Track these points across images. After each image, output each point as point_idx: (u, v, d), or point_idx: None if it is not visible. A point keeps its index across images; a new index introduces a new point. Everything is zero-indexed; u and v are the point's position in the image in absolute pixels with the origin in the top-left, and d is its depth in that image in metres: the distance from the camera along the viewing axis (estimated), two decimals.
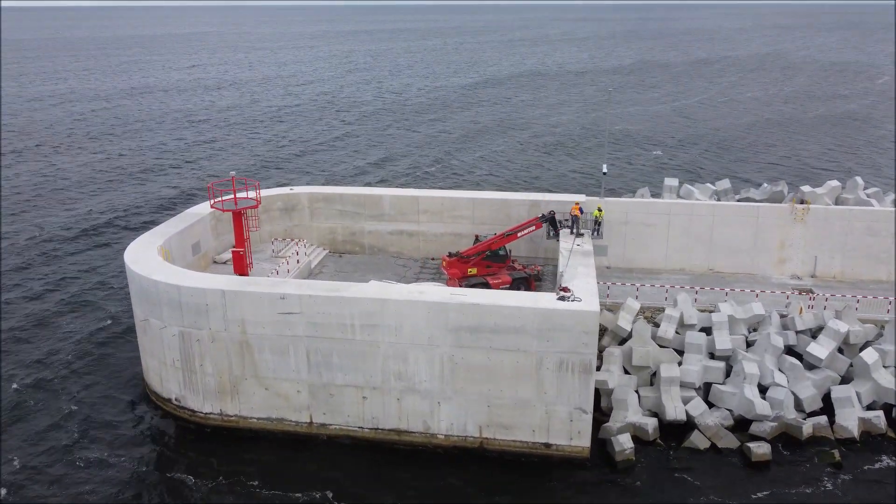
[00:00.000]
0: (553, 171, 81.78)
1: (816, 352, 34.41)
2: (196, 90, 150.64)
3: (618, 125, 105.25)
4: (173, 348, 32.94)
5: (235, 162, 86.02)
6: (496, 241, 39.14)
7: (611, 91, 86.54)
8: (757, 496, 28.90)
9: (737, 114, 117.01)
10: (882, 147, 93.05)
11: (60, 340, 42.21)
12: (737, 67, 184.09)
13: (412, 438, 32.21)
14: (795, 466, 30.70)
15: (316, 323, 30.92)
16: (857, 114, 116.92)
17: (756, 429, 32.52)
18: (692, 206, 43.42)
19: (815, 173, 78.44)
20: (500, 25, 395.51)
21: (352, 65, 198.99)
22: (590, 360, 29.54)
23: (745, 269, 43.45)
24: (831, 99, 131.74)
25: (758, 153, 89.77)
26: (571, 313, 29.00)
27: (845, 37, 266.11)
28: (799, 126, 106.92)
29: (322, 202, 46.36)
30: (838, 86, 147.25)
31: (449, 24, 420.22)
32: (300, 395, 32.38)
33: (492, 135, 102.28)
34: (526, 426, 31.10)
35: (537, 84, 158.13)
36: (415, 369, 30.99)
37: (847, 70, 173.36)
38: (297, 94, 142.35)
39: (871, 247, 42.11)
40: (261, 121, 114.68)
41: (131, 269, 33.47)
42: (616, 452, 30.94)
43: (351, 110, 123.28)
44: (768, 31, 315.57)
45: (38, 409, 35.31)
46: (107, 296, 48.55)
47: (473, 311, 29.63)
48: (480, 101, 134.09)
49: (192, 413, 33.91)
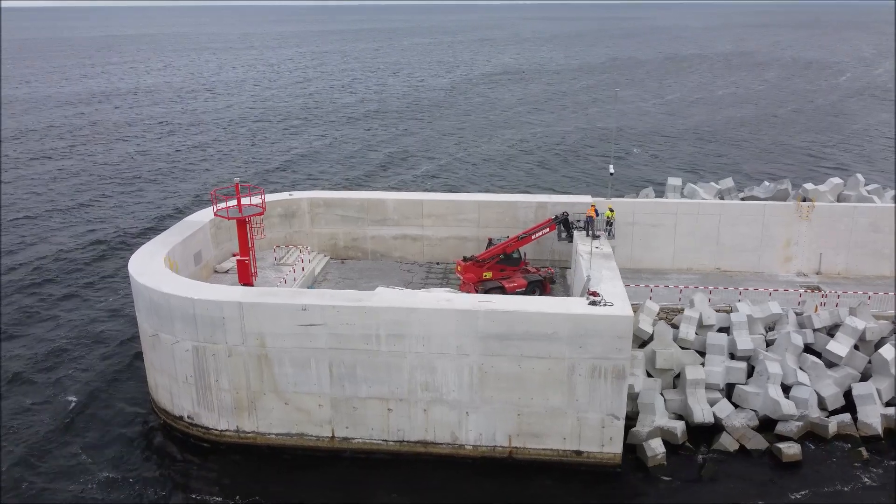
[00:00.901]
0: (549, 171, 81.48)
1: (836, 349, 34.52)
2: (166, 93, 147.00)
3: (599, 122, 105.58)
4: (186, 364, 31.54)
5: (218, 169, 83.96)
6: (511, 243, 38.50)
7: (617, 90, 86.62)
8: (794, 497, 28.77)
9: (715, 110, 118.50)
10: (861, 142, 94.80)
11: (58, 356, 40.33)
12: (708, 64, 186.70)
13: (439, 450, 31.35)
14: (825, 465, 30.67)
15: (339, 334, 29.86)
16: (830, 109, 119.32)
17: (782, 429, 32.44)
18: (699, 206, 43.34)
19: (803, 169, 79.64)
20: (471, 25, 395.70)
21: (330, 66, 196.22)
22: (623, 366, 29.06)
23: (751, 267, 43.55)
24: (803, 94, 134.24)
25: (744, 149, 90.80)
26: (605, 318, 28.48)
27: (807, 35, 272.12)
28: (777, 121, 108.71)
29: (323, 207, 45.17)
30: (808, 82, 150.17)
31: (419, 24, 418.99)
32: (322, 409, 31.26)
33: (479, 135, 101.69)
34: (557, 434, 30.50)
35: (518, 82, 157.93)
36: (443, 379, 30.14)
37: (812, 67, 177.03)
38: (280, 98, 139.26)
39: (874, 243, 42.52)
40: (241, 124, 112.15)
41: (139, 282, 31.97)
42: (648, 458, 30.54)
43: (336, 113, 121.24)
44: (733, 29, 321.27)
45: (38, 429, 33.55)
46: (105, 309, 46.56)
47: (504, 319, 28.92)
48: (463, 100, 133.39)
49: (206, 431, 32.54)
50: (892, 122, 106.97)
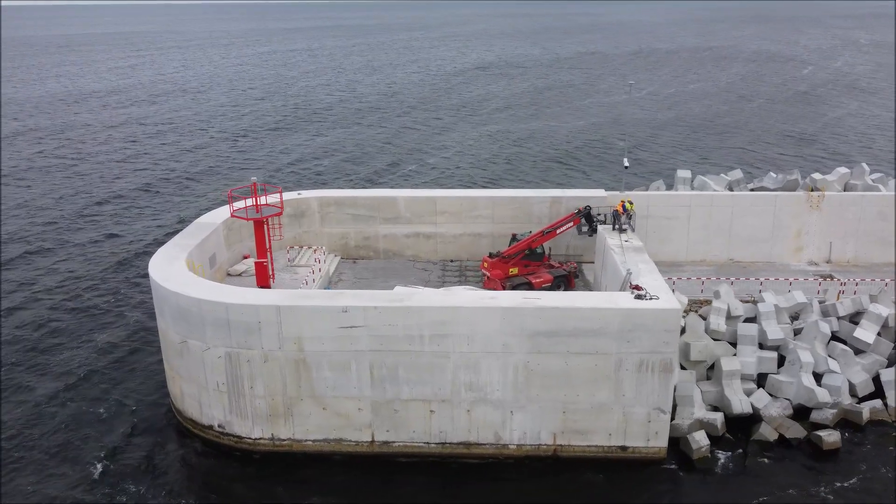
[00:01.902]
0: (551, 166, 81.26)
1: (864, 336, 34.98)
2: (137, 93, 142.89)
3: (581, 120, 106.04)
4: (218, 371, 30.35)
5: (212, 170, 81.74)
6: (536, 238, 38.13)
7: (631, 84, 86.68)
8: (842, 485, 29.01)
9: (689, 103, 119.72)
10: (841, 131, 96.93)
11: (70, 366, 38.60)
12: (674, 59, 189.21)
13: (482, 451, 30.80)
14: (864, 451, 31.04)
15: (381, 335, 29.06)
16: (803, 99, 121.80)
17: (817, 416, 32.74)
18: (712, 198, 43.57)
19: (790, 158, 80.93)
20: (437, 22, 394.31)
21: (308, 64, 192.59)
22: (670, 359, 28.92)
23: (763, 257, 43.96)
24: (775, 86, 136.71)
25: (726, 140, 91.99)
26: (653, 312, 28.28)
27: (763, 30, 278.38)
28: (755, 112, 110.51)
29: (333, 206, 44.13)
30: (775, 74, 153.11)
31: (381, 21, 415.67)
32: (361, 412, 30.41)
33: (469, 132, 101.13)
34: (602, 430, 30.22)
35: (502, 77, 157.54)
36: (487, 379, 29.58)
37: (776, 60, 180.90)
38: (265, 97, 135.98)
39: (882, 231, 43.29)
40: (223, 124, 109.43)
41: (165, 288, 30.63)
42: (693, 450, 30.49)
43: (327, 112, 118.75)
44: (688, 25, 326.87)
45: (55, 443, 31.97)
46: (114, 318, 44.67)
47: (551, 315, 28.49)
48: (446, 96, 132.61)
49: (239, 440, 31.40)
50: (864, 112, 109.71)
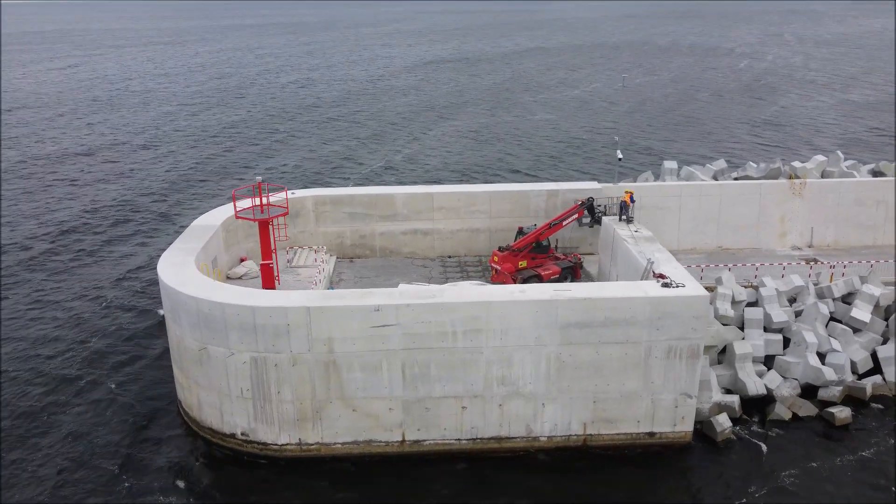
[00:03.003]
0: (517, 158, 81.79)
1: (860, 316, 36.61)
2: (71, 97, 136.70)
3: (537, 115, 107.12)
4: (243, 377, 29.43)
5: (193, 173, 78.96)
6: (543, 231, 38.40)
7: (624, 77, 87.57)
8: (858, 457, 30.28)
9: (642, 96, 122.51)
10: (787, 120, 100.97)
11: (68, 379, 36.74)
12: (618, 53, 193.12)
13: (513, 444, 30.86)
14: (872, 425, 32.49)
15: (414, 333, 28.75)
16: (747, 91, 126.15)
17: (824, 394, 34.11)
18: (701, 188, 44.78)
19: (747, 148, 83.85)
20: (384, 19, 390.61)
21: (251, 64, 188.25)
22: (698, 345, 29.61)
23: (750, 244, 45.43)
24: (717, 79, 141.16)
25: (681, 133, 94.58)
26: (682, 299, 28.88)
27: (692, 27, 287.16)
28: (703, 104, 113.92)
29: (329, 205, 43.37)
30: (713, 68, 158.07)
31: (324, 17, 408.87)
32: (392, 412, 30.02)
33: (435, 125, 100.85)
34: (631, 418, 30.71)
35: (463, 72, 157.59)
36: (520, 372, 29.65)
37: (714, 54, 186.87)
38: (238, 97, 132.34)
39: (858, 215, 45.33)
40: (188, 123, 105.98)
41: (182, 293, 29.48)
42: (717, 433, 31.33)
43: (307, 112, 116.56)
44: (624, 21, 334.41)
45: (69, 464, 30.42)
46: (111, 324, 42.88)
47: (583, 306, 28.76)
48: (392, 96, 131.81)
49: (264, 446, 30.54)
50: (807, 103, 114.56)
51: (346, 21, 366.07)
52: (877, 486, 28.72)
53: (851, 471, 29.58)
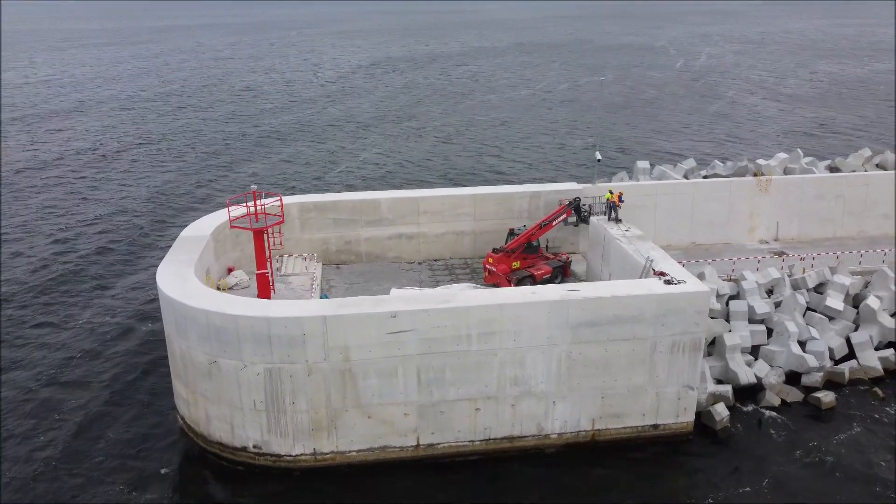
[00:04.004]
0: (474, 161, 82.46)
1: (834, 304, 38.79)
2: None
3: (480, 115, 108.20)
4: (256, 389, 29.07)
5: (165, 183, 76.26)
6: (534, 231, 39.19)
7: (602, 79, 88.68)
8: (845, 436, 32.16)
9: (588, 95, 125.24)
10: (732, 116, 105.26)
11: (62, 394, 35.36)
12: (561, 53, 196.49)
13: (524, 443, 31.48)
14: (854, 407, 34.51)
15: (429, 338, 28.99)
16: (690, 90, 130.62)
17: (807, 380, 36.03)
18: (675, 186, 46.47)
19: (700, 144, 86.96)
20: (306, 20, 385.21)
21: (188, 66, 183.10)
22: (700, 338, 30.86)
23: (721, 239, 47.37)
24: (658, 77, 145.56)
25: (633, 131, 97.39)
26: (686, 295, 30.06)
27: (624, 26, 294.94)
28: (648, 103, 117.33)
29: (314, 212, 43.03)
30: (652, 67, 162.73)
31: (257, 19, 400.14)
32: (407, 417, 30.19)
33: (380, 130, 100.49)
34: (637, 412, 31.76)
35: (398, 74, 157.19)
36: (532, 372, 30.28)
37: (648, 53, 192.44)
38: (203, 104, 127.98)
39: (819, 210, 47.83)
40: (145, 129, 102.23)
41: (190, 306, 28.87)
42: (716, 422, 32.71)
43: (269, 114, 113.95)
44: (563, 21, 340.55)
45: (73, 487, 29.38)
46: (100, 342, 41.43)
47: (593, 305, 29.61)
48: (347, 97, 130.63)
49: (277, 458, 30.22)
50: (746, 100, 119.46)
51: (281, 23, 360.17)
52: (868, 464, 30.55)
53: (844, 450, 31.41)
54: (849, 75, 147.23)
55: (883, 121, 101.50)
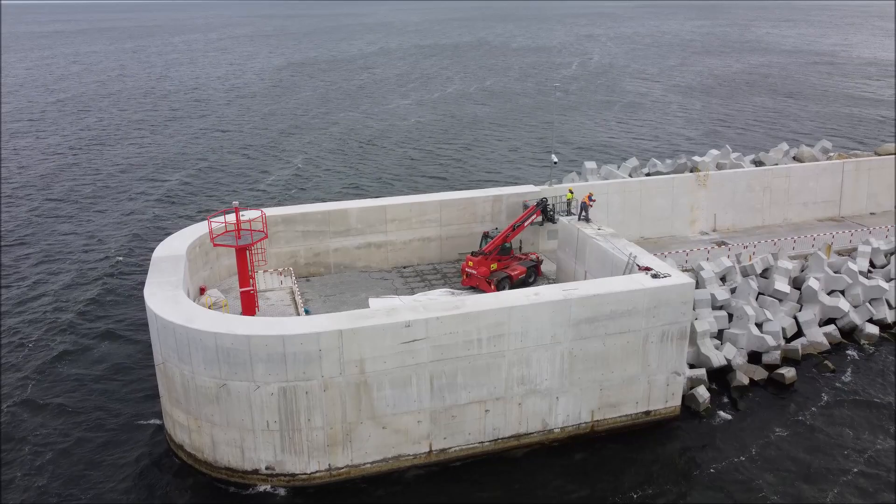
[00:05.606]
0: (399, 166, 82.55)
1: (782, 287, 42.23)
2: None
3: (399, 120, 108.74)
4: (270, 410, 28.49)
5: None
6: (508, 233, 40.30)
7: (557, 85, 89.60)
8: (818, 404, 35.36)
9: (496, 98, 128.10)
10: (640, 117, 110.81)
11: (63, 419, 32.97)
12: (462, 56, 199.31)
13: (530, 440, 32.50)
14: (814, 379, 37.92)
15: (441, 345, 29.45)
16: (598, 87, 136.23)
17: (767, 359, 39.14)
18: (625, 184, 48.99)
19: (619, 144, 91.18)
20: (191, 25, 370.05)
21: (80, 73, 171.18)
22: (685, 327, 32.99)
23: (667, 232, 50.38)
24: (562, 79, 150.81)
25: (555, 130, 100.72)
26: (674, 288, 32.06)
27: (512, 29, 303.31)
28: (561, 104, 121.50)
29: (282, 225, 42.25)
30: (549, 69, 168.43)
31: (136, 23, 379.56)
32: (420, 425, 30.48)
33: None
34: (631, 400, 33.51)
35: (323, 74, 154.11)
36: (537, 370, 31.34)
37: (542, 55, 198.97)
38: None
39: (750, 201, 51.83)
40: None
41: (196, 330, 27.91)
42: (700, 404, 35.03)
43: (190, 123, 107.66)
44: (450, 24, 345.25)
45: None
46: (75, 375, 38.77)
47: (592, 302, 31.03)
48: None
49: (292, 478, 29.73)
50: (653, 97, 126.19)
51: (168, 27, 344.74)
52: (838, 433, 33.70)
53: (813, 420, 34.52)
54: (731, 69, 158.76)
55: (778, 110, 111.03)
